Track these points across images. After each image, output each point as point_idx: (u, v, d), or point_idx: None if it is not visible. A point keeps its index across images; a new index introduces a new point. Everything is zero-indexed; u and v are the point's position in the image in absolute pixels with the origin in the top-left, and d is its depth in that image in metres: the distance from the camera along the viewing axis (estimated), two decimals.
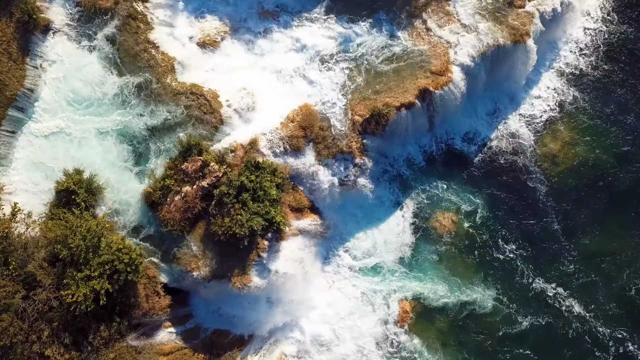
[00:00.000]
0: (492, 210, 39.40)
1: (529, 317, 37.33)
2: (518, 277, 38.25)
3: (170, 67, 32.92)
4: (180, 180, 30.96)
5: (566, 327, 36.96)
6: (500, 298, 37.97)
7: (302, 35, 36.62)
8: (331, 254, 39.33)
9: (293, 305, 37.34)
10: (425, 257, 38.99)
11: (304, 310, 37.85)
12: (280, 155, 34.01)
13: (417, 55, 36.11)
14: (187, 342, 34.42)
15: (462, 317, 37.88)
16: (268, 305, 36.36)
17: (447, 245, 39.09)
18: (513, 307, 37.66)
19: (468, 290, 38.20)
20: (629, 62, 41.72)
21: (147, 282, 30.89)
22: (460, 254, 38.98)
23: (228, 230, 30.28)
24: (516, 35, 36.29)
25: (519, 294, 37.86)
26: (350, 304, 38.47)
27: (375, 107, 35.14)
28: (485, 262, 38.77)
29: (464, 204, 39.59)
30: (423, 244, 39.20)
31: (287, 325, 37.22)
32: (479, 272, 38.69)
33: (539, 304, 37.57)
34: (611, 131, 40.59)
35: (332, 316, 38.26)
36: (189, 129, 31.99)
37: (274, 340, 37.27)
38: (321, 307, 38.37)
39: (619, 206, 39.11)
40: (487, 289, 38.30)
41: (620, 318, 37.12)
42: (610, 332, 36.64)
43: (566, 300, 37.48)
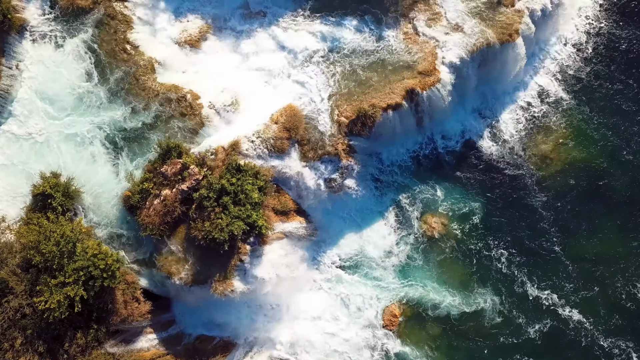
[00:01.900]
0: (482, 212, 38.78)
1: (522, 322, 36.62)
2: (510, 281, 37.58)
3: (150, 67, 32.26)
4: (159, 183, 30.31)
5: (560, 333, 36.23)
6: (491, 302, 37.33)
7: (287, 35, 35.97)
8: (319, 257, 38.76)
9: (280, 309, 36.83)
10: (414, 259, 38.38)
11: (291, 315, 37.27)
12: (264, 157, 33.33)
13: (404, 55, 35.44)
14: (169, 349, 33.78)
15: (452, 321, 37.26)
16: (254, 310, 35.87)
17: (436, 247, 38.52)
18: (505, 311, 37.03)
19: (458, 294, 37.60)
20: (620, 61, 41.06)
21: (126, 287, 30.21)
22: (450, 257, 38.37)
23: (208, 234, 29.59)
24: (505, 34, 35.62)
25: (512, 298, 37.21)
26: (337, 307, 37.88)
27: (361, 108, 34.49)
28: (475, 265, 38.15)
29: (454, 205, 38.98)
30: (412, 246, 38.62)
31: (274, 329, 36.52)
32: (470, 275, 38.06)
33: (532, 309, 36.89)
34: (604, 131, 39.92)
35: (320, 320, 37.70)
36: (168, 130, 31.33)
37: (261, 345, 36.70)
38: (308, 310, 37.82)
39: (612, 208, 38.44)
40: (478, 293, 37.67)
41: (613, 322, 36.37)
42: (605, 338, 35.96)
43: (561, 305, 36.78)
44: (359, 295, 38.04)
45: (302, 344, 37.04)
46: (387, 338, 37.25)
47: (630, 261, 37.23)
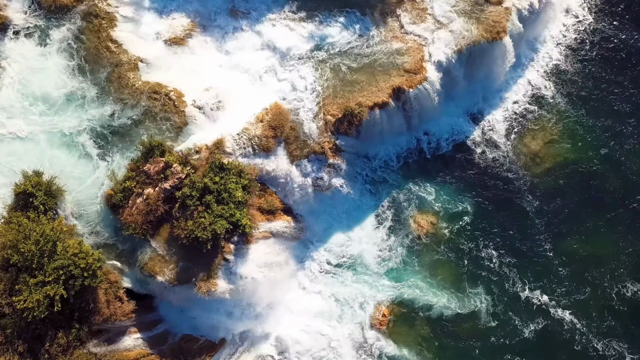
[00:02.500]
0: (472, 212, 38.61)
1: (513, 323, 36.37)
2: (500, 281, 37.37)
3: (134, 65, 32.08)
4: (142, 182, 30.11)
5: (552, 333, 36.01)
6: (482, 302, 37.11)
7: (273, 33, 35.78)
8: (307, 257, 38.53)
9: (267, 309, 36.58)
10: (403, 259, 38.15)
11: (278, 315, 37.07)
12: (249, 156, 33.15)
13: (391, 53, 35.28)
14: (154, 348, 33.49)
15: (442, 320, 37.03)
16: (240, 310, 35.59)
17: (426, 247, 38.30)
18: (496, 311, 36.78)
19: (448, 294, 37.38)
20: (610, 60, 40.93)
21: (109, 287, 29.98)
22: (440, 256, 38.15)
23: (190, 233, 29.40)
24: (492, 32, 35.45)
25: (502, 298, 36.99)
26: (326, 307, 37.66)
27: (348, 106, 34.31)
28: (465, 264, 37.94)
29: (443, 205, 38.79)
30: (401, 246, 38.40)
31: (262, 329, 36.37)
32: (460, 275, 37.85)
33: (523, 309, 36.66)
34: (593, 129, 39.78)
35: (308, 320, 37.50)
36: (151, 129, 31.12)
37: (248, 345, 36.50)
38: (297, 310, 37.64)
39: (602, 207, 38.26)
40: (468, 293, 37.46)
41: (604, 322, 36.16)
42: (596, 337, 35.76)
43: (552, 305, 36.57)
44: (347, 295, 37.84)
45: (290, 343, 36.81)
46: (376, 338, 37.06)
47: (620, 261, 37.04)
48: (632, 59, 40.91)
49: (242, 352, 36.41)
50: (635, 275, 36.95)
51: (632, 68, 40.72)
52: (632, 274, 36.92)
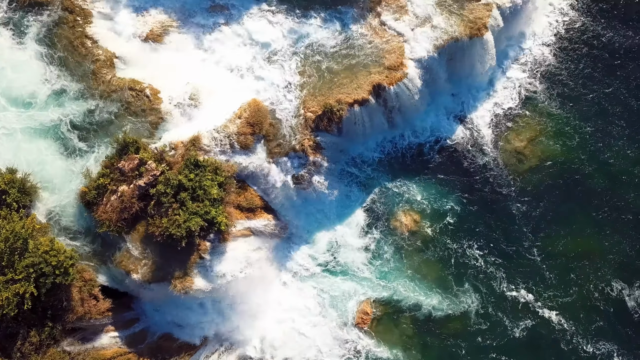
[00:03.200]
0: (455, 209, 38.42)
1: (499, 322, 36.27)
2: (486, 280, 37.24)
3: (110, 62, 31.83)
4: (116, 179, 29.88)
5: (539, 333, 35.87)
6: (466, 301, 36.97)
7: (253, 30, 35.52)
8: (290, 255, 38.38)
9: (249, 307, 36.43)
10: (386, 257, 38.01)
11: (260, 313, 36.93)
12: (227, 153, 32.88)
13: (371, 50, 35.02)
14: (131, 347, 33.34)
15: (426, 319, 36.95)
16: (222, 308, 35.42)
17: (409, 245, 38.18)
18: (481, 310, 36.73)
19: (432, 292, 37.26)
20: (593, 57, 40.72)
21: (83, 285, 29.74)
22: (423, 254, 38.03)
23: (165, 231, 29.15)
24: (473, 28, 35.19)
25: (488, 297, 36.87)
26: (309, 305, 37.56)
27: (327, 103, 34.05)
28: (449, 263, 37.81)
29: (427, 202, 38.63)
30: (384, 243, 38.28)
31: (244, 328, 36.17)
32: (444, 273, 37.73)
33: (509, 309, 36.55)
34: (577, 126, 39.58)
35: (291, 318, 37.37)
36: (126, 126, 30.89)
37: (230, 344, 36.31)
38: (279, 309, 37.50)
39: (588, 205, 38.11)
40: (452, 291, 37.34)
41: (590, 321, 36.07)
42: (581, 336, 35.66)
43: (538, 305, 36.42)
44: (330, 293, 37.75)
45: (273, 342, 36.69)
46: (359, 336, 36.94)
47: (606, 260, 36.89)
48: (617, 55, 40.69)
49: (223, 351, 36.22)
50: (621, 274, 36.83)
51: (616, 65, 40.52)
52: (617, 273, 36.82)
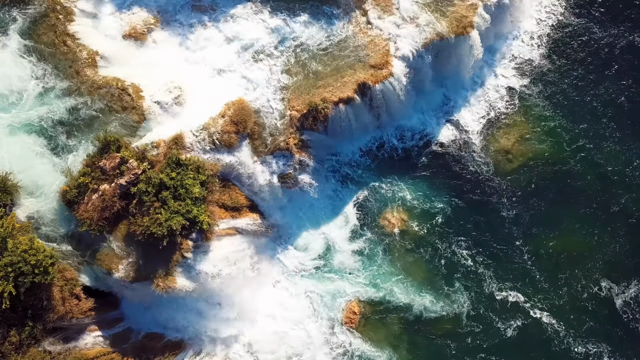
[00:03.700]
0: (443, 209, 38.28)
1: (488, 322, 36.07)
2: (474, 279, 37.08)
3: (92, 60, 31.67)
4: (97, 178, 29.74)
5: (528, 333, 35.69)
6: (455, 300, 36.84)
7: (237, 28, 35.30)
8: (277, 255, 38.27)
9: (235, 307, 36.22)
10: (374, 255, 37.84)
11: (247, 313, 36.73)
12: (211, 152, 32.73)
13: (356, 48, 34.84)
14: (115, 347, 33.22)
15: (415, 319, 36.77)
16: (207, 308, 35.29)
17: (397, 244, 38.01)
18: (469, 310, 36.51)
19: (420, 291, 37.08)
20: (582, 54, 40.50)
21: (64, 284, 29.59)
22: (411, 253, 37.86)
23: (146, 230, 29.01)
24: (459, 27, 35.00)
25: (477, 297, 36.69)
26: (296, 305, 37.36)
27: (312, 101, 33.89)
28: (437, 262, 37.65)
29: (414, 201, 38.49)
30: (372, 242, 38.14)
31: (230, 328, 36.06)
32: (432, 273, 37.59)
33: (499, 309, 36.34)
34: (566, 125, 39.38)
35: (278, 318, 37.23)
36: (108, 124, 30.75)
37: (217, 344, 36.14)
38: (266, 308, 37.30)
39: (576, 203, 37.88)
40: (441, 292, 37.16)
41: (580, 319, 35.94)
42: (571, 335, 35.54)
43: (528, 305, 36.26)
44: (318, 292, 37.60)
45: (259, 341, 36.49)
46: (347, 336, 36.81)
47: (595, 260, 36.72)
48: (607, 54, 40.52)
49: (210, 351, 36.02)
50: (610, 274, 36.69)
51: (606, 64, 40.34)
52: (606, 273, 36.63)
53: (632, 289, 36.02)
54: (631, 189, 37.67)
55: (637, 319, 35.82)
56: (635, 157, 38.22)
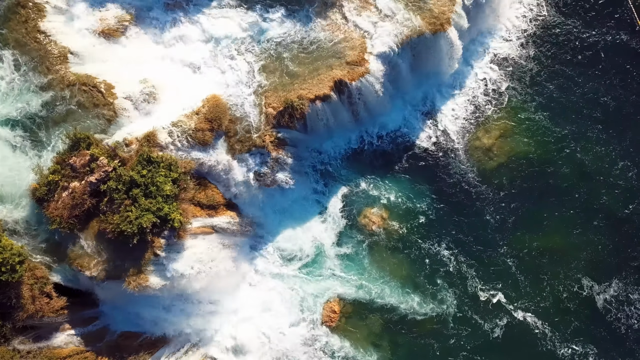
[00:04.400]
0: (423, 207, 38.08)
1: (470, 322, 36.07)
2: (456, 279, 36.97)
3: (64, 57, 31.45)
4: (68, 175, 29.55)
5: (511, 333, 35.61)
6: (435, 300, 36.65)
7: (212, 25, 35.03)
8: (256, 253, 38.13)
9: (213, 305, 36.11)
10: (354, 254, 37.73)
11: (226, 312, 36.61)
12: (185, 150, 32.54)
13: (333, 45, 34.58)
14: (89, 345, 33.05)
15: (396, 318, 36.74)
16: (184, 306, 35.12)
17: (377, 242, 37.90)
18: (450, 310, 36.50)
19: (400, 291, 36.98)
20: (565, 51, 40.14)
21: (34, 282, 29.39)
22: (391, 252, 37.75)
23: (116, 227, 28.82)
24: (436, 23, 34.67)
25: (457, 297, 36.67)
26: (276, 303, 37.23)
27: (288, 99, 33.64)
28: (418, 261, 37.51)
29: (394, 200, 38.33)
30: (352, 241, 38.02)
31: (208, 327, 35.90)
32: (412, 271, 37.46)
33: (481, 309, 36.30)
34: (547, 123, 39.08)
35: (257, 317, 37.06)
36: (79, 121, 30.53)
37: (194, 343, 35.96)
38: (246, 307, 37.20)
39: (558, 202, 37.64)
40: (421, 290, 37.03)
41: (562, 319, 35.82)
42: (556, 335, 35.51)
43: (511, 305, 36.10)
44: (297, 291, 37.55)
45: (238, 341, 36.35)
46: (326, 335, 36.75)
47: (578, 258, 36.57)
48: (588, 51, 40.16)
49: (187, 350, 35.87)
50: (591, 273, 36.52)
51: (588, 61, 39.98)
52: (588, 272, 36.46)
53: (615, 289, 35.82)
54: (613, 188, 37.42)
55: (620, 318, 35.61)
56: (617, 156, 37.92)
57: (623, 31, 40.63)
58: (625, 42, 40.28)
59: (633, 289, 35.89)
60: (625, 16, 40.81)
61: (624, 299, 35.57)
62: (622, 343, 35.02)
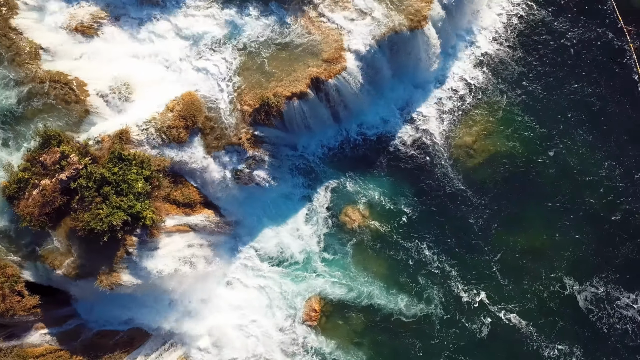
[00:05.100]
0: (404, 205, 37.87)
1: (452, 322, 35.87)
2: (439, 279, 36.78)
3: (35, 54, 31.28)
4: (38, 173, 29.37)
5: (493, 332, 35.44)
6: (416, 299, 36.42)
7: (187, 22, 34.88)
8: (237, 251, 37.98)
9: (192, 304, 35.91)
10: (334, 252, 37.57)
11: (206, 311, 36.43)
12: (159, 147, 32.34)
13: (309, 42, 34.37)
14: (64, 344, 32.83)
15: (377, 318, 36.55)
16: (161, 304, 34.95)
17: (359, 241, 37.71)
18: (431, 309, 36.25)
19: (380, 289, 36.79)
20: (546, 49, 39.88)
21: (5, 280, 29.21)
22: (372, 250, 37.56)
23: (86, 225, 28.62)
24: (414, 20, 34.45)
25: (441, 297, 36.45)
26: (257, 302, 37.04)
27: (264, 96, 33.43)
28: (399, 260, 37.32)
29: (374, 198, 38.18)
30: (332, 238, 37.85)
31: (187, 326, 35.63)
32: (393, 270, 37.28)
33: (462, 308, 36.21)
34: (527, 120, 38.88)
35: (237, 315, 36.91)
36: (51, 119, 30.34)
37: (173, 342, 35.74)
38: (226, 306, 37.11)
39: (539, 201, 37.38)
40: (403, 290, 36.88)
41: (545, 319, 35.60)
42: (538, 334, 35.32)
43: (493, 304, 35.93)
44: (278, 290, 37.31)
45: (218, 339, 36.16)
46: (307, 333, 36.56)
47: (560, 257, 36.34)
48: (571, 49, 39.98)
49: (166, 349, 35.68)
50: (574, 272, 36.37)
51: (570, 59, 39.82)
52: (570, 271, 36.25)
53: (598, 288, 35.58)
54: (597, 188, 37.18)
55: (602, 317, 35.42)
56: (602, 156, 37.71)
57: (606, 29, 40.47)
58: (610, 39, 40.07)
59: (614, 288, 35.63)
60: (609, 13, 40.54)
61: (605, 297, 35.33)
62: (605, 341, 34.83)
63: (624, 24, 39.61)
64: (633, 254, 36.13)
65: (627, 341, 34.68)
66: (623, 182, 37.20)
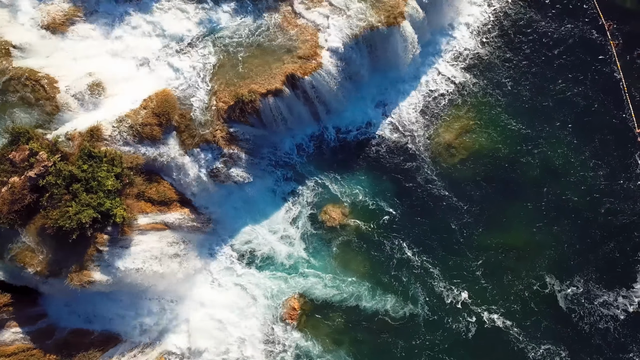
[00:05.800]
0: (383, 204, 37.68)
1: (434, 321, 35.75)
2: (420, 279, 36.60)
3: (5, 51, 31.06)
4: (7, 170, 29.15)
5: (476, 332, 35.32)
6: (396, 298, 36.24)
7: (162, 19, 34.70)
8: (215, 250, 37.81)
9: (168, 303, 35.68)
10: (314, 250, 37.39)
11: (185, 309, 36.29)
12: (132, 145, 32.10)
13: (285, 39, 34.13)
14: (36, 343, 32.58)
15: (358, 317, 36.37)
16: (136, 303, 34.77)
17: (338, 239, 37.52)
18: (413, 309, 36.11)
19: (361, 288, 36.60)
20: (526, 45, 39.65)
21: None
22: (351, 249, 37.41)
23: (54, 223, 28.41)
24: (390, 17, 34.17)
25: (423, 296, 36.25)
26: (235, 300, 36.92)
27: (239, 93, 33.18)
28: (379, 259, 37.14)
29: (354, 196, 37.97)
30: (312, 237, 37.69)
31: (165, 324, 35.50)
32: (374, 268, 37.14)
33: (444, 307, 35.99)
34: (507, 118, 38.63)
35: (217, 314, 36.75)
36: (20, 116, 30.14)
37: (150, 340, 35.52)
38: (204, 305, 36.91)
39: (521, 200, 37.16)
40: (383, 288, 36.61)
41: (526, 317, 35.39)
42: (516, 330, 35.10)
43: (475, 304, 35.82)
44: (257, 288, 37.15)
45: (197, 338, 35.94)
46: (286, 331, 36.22)
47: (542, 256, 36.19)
48: (551, 46, 39.75)
49: (144, 347, 35.45)
50: (555, 271, 36.27)
51: (550, 56, 39.55)
52: (552, 270, 36.08)
53: (579, 287, 35.29)
54: (580, 187, 36.93)
55: (583, 316, 35.20)
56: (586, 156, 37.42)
57: (588, 26, 40.09)
58: (593, 37, 39.72)
59: (595, 287, 35.36)
60: (592, 11, 40.22)
61: (587, 296, 35.09)
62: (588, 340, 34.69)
63: (605, 20, 39.22)
64: (614, 253, 35.85)
65: (610, 339, 34.52)
66: (606, 181, 36.97)
